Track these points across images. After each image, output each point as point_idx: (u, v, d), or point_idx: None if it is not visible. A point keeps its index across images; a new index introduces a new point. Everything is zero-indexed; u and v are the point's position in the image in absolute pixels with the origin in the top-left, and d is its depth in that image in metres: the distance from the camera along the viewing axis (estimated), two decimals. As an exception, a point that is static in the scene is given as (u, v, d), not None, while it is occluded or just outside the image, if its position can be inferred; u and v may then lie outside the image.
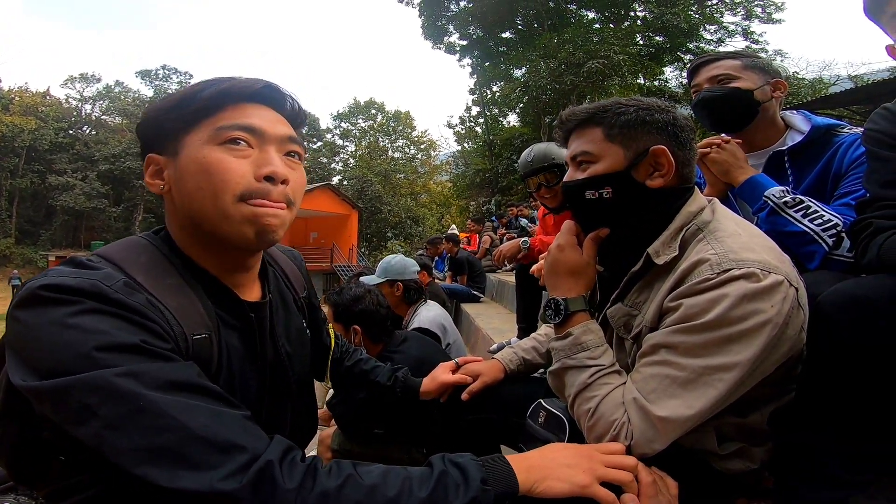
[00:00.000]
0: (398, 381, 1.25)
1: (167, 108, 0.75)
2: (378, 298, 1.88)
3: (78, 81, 43.32)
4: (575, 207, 0.98)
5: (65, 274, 0.64)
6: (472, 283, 6.12)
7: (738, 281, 0.75)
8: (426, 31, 21.14)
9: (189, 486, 0.56)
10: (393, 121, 41.82)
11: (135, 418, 0.57)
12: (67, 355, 0.58)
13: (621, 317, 0.93)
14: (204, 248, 0.77)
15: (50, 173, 37.31)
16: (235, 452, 0.58)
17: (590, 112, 0.92)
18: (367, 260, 25.26)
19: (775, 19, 17.90)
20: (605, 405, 0.82)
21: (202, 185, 0.70)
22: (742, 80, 1.34)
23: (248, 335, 0.80)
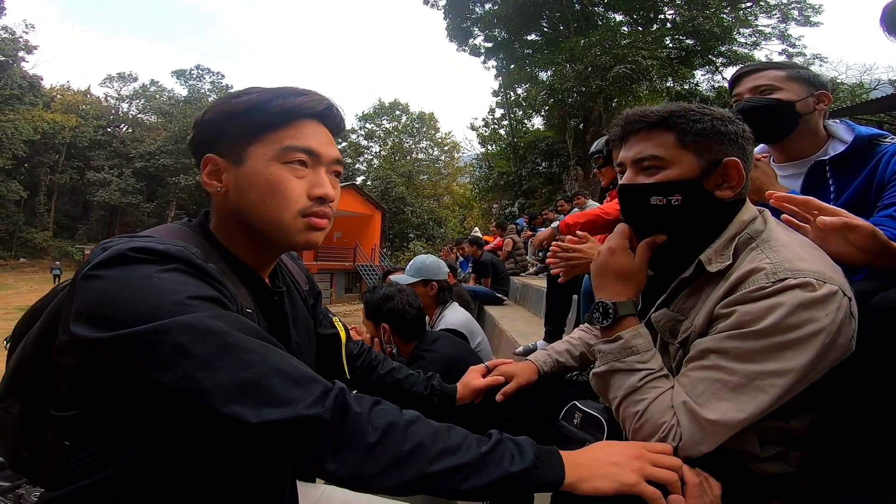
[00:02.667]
0: (435, 389, 1.25)
1: (233, 113, 0.79)
2: (409, 298, 1.91)
3: (116, 80, 45.12)
4: (634, 211, 0.95)
5: (149, 240, 0.69)
6: (495, 285, 6.11)
7: (794, 290, 0.76)
8: (451, 32, 21.13)
9: (277, 417, 0.60)
10: (417, 122, 42.13)
11: (224, 355, 0.61)
12: (162, 302, 0.62)
13: (667, 321, 0.94)
14: (245, 243, 0.83)
15: (88, 169, 38.86)
16: (312, 384, 0.64)
17: (663, 115, 0.89)
18: (389, 260, 25.47)
19: (813, 22, 17.18)
20: (654, 408, 0.83)
21: (266, 199, 0.78)
22: (784, 91, 1.32)
23: (272, 320, 0.86)
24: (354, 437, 0.63)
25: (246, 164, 0.78)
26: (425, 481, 0.64)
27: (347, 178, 33.64)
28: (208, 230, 0.84)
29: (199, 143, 0.82)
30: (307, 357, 0.96)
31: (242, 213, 0.80)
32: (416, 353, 1.85)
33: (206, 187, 0.81)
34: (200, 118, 0.82)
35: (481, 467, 0.65)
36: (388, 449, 0.64)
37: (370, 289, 1.98)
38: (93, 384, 0.67)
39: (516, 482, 0.66)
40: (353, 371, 1.21)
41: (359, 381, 1.24)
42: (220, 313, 0.65)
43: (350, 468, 0.62)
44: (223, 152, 0.80)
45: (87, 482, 0.68)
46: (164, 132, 40.37)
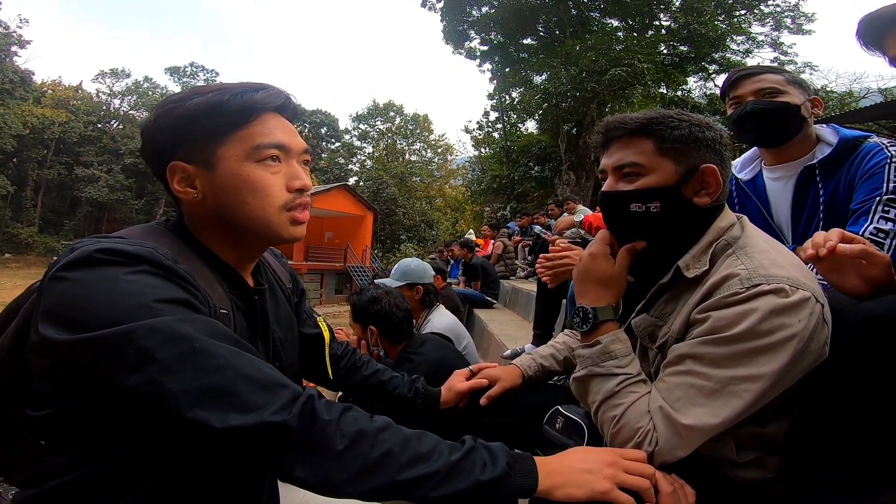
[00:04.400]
0: (419, 392, 1.25)
1: (192, 116, 0.77)
2: (396, 301, 1.89)
3: (108, 76, 44.72)
4: (614, 217, 0.96)
5: (117, 241, 0.68)
6: (485, 289, 6.12)
7: (768, 296, 0.77)
8: (447, 35, 21.20)
9: (241, 423, 0.60)
10: (411, 123, 42.11)
11: (190, 359, 0.61)
12: (127, 305, 0.62)
13: (646, 327, 0.95)
14: (225, 242, 0.83)
15: (77, 165, 38.47)
16: (280, 390, 0.64)
17: (642, 122, 0.90)
18: (380, 262, 25.39)
19: (806, 30, 17.41)
20: (631, 413, 0.83)
21: (248, 200, 0.78)
22: (788, 95, 1.33)
23: (252, 318, 0.86)
24: (323, 444, 0.63)
25: (219, 167, 0.77)
26: (395, 488, 0.64)
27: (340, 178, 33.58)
28: (185, 230, 0.83)
29: (157, 151, 0.79)
30: (289, 355, 0.96)
31: (224, 214, 0.79)
32: (404, 356, 1.82)
33: (180, 195, 0.79)
34: (152, 123, 0.79)
35: (452, 475, 0.66)
36: (356, 456, 0.64)
37: (357, 291, 1.97)
38: (67, 384, 0.67)
39: (488, 490, 0.66)
40: (336, 372, 1.21)
41: (342, 383, 1.24)
42: (188, 317, 0.65)
43: (319, 475, 0.63)
44: (189, 158, 0.78)
45: (64, 481, 0.67)
46: (156, 129, 39.98)
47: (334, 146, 42.99)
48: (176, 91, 22.04)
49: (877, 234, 1.13)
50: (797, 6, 17.19)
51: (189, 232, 0.83)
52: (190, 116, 0.77)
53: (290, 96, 0.85)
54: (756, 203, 1.43)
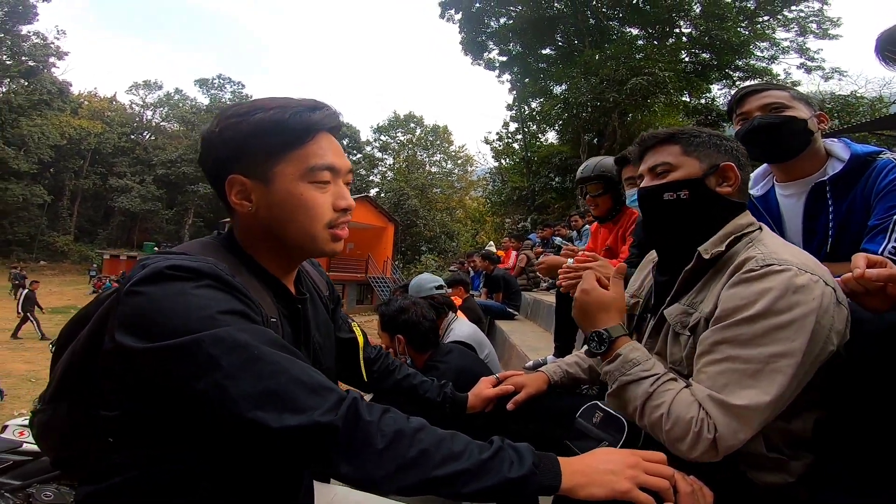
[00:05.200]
0: (447, 397, 1.29)
1: (255, 132, 0.81)
2: (423, 311, 1.96)
3: (141, 88, 46.32)
4: (650, 208, 1.10)
5: (182, 258, 0.76)
6: (507, 300, 6.13)
7: (780, 275, 0.86)
8: (466, 46, 21.32)
9: (295, 423, 0.66)
10: (431, 135, 42.44)
11: (250, 366, 0.68)
12: (195, 316, 0.69)
13: (678, 315, 1.02)
14: (271, 254, 0.89)
15: (111, 175, 39.81)
16: (327, 393, 0.70)
17: (670, 133, 1.10)
18: (401, 273, 25.53)
19: (832, 35, 17.00)
20: (677, 407, 0.87)
21: (298, 217, 0.85)
22: (794, 110, 1.35)
23: (296, 325, 0.92)
24: (365, 443, 0.69)
25: (274, 183, 0.83)
26: (430, 484, 0.69)
27: (361, 189, 34.03)
28: (236, 244, 0.89)
29: (218, 161, 0.84)
30: (327, 359, 1.02)
31: (274, 228, 0.86)
32: (430, 364, 1.89)
33: (236, 207, 0.84)
34: (214, 135, 0.83)
35: (482, 473, 0.70)
36: (395, 454, 0.69)
37: (385, 301, 2.04)
38: (136, 389, 0.73)
39: (514, 487, 0.71)
40: (369, 375, 1.26)
41: (375, 385, 1.28)
42: (247, 327, 0.72)
43: (361, 471, 0.68)
44: (248, 172, 0.83)
45: (125, 478, 0.73)
46: (186, 140, 41.30)
47: (356, 158, 43.58)
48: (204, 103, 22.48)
49: (895, 253, 1.14)
50: (822, 11, 16.82)
51: (239, 246, 0.89)
52: (252, 132, 0.81)
53: (340, 117, 0.91)
54: (767, 219, 1.43)
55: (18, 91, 33.79)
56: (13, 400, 6.79)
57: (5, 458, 3.42)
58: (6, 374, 7.71)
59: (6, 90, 33.90)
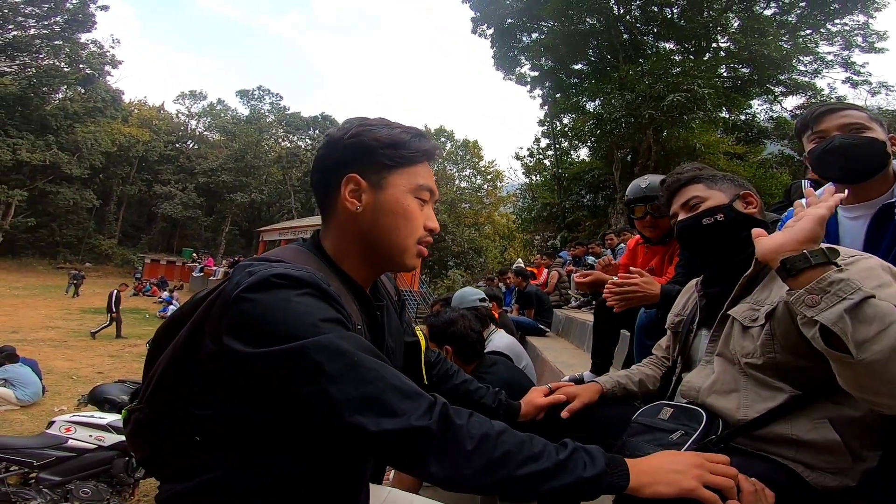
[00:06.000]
0: (502, 404, 1.32)
1: (382, 144, 0.92)
2: (470, 323, 2.03)
3: (187, 98, 48.19)
4: (691, 236, 1.26)
5: (285, 267, 0.80)
6: (539, 317, 6.13)
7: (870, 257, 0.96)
8: (498, 61, 21.38)
9: (392, 427, 0.70)
10: (461, 149, 42.56)
11: (351, 372, 0.72)
12: (300, 323, 0.73)
13: (746, 311, 1.10)
14: (359, 262, 0.95)
15: (156, 182, 41.36)
16: (420, 398, 0.74)
17: (691, 175, 1.31)
18: (428, 286, 25.61)
19: (878, 48, 16.38)
20: None
21: (399, 226, 0.93)
22: (873, 132, 1.33)
23: (375, 330, 0.96)
24: (456, 445, 0.72)
25: (386, 191, 0.92)
26: (512, 483, 0.73)
27: (392, 201, 34.25)
28: (324, 251, 0.95)
29: (341, 161, 0.93)
30: (397, 362, 1.07)
31: (373, 233, 0.93)
32: (477, 375, 1.92)
33: (347, 205, 0.92)
34: (344, 138, 0.93)
35: (559, 472, 0.75)
36: (482, 455, 0.72)
37: (434, 314, 2.13)
38: (240, 392, 0.77)
39: (588, 485, 0.75)
40: (430, 378, 1.30)
41: (434, 388, 1.30)
42: (345, 334, 0.76)
43: (449, 471, 0.72)
44: (365, 175, 0.91)
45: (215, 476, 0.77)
46: (226, 150, 42.78)
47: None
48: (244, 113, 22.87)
49: None
50: (867, 24, 16.25)
51: (327, 254, 0.94)
52: (377, 143, 0.91)
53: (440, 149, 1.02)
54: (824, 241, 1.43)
55: (75, 98, 35.15)
56: (54, 396, 6.95)
57: (48, 454, 3.55)
58: (48, 370, 7.80)
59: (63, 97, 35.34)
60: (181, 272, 32.13)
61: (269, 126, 47.05)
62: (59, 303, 19.80)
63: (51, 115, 33.67)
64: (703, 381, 1.15)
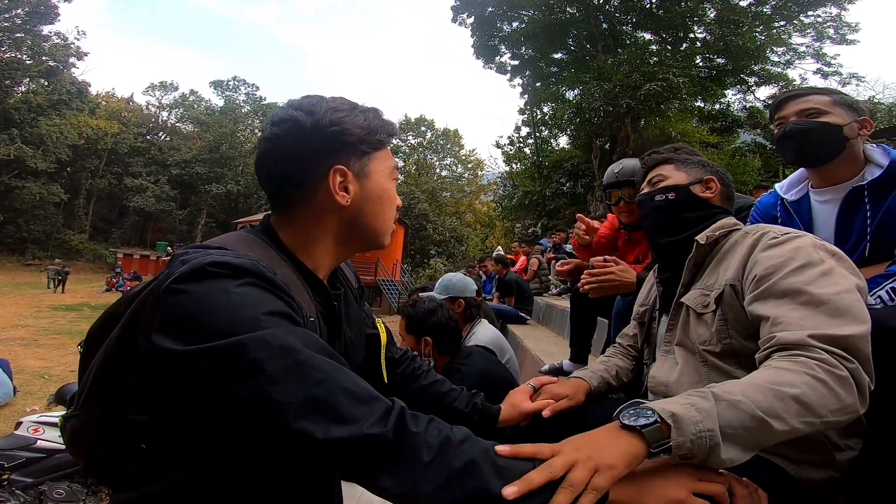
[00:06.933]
0: (476, 408, 1.19)
1: (357, 129, 0.87)
2: (449, 313, 1.99)
3: (158, 89, 46.91)
4: (646, 211, 1.28)
5: (224, 254, 0.72)
6: (519, 305, 6.14)
7: (803, 237, 0.97)
8: (478, 50, 21.27)
9: (342, 435, 0.62)
10: (442, 138, 42.46)
11: (295, 371, 0.64)
12: (238, 317, 0.66)
13: (697, 297, 1.10)
14: (328, 250, 0.90)
15: (126, 175, 40.28)
16: (376, 402, 0.67)
17: (666, 155, 1.33)
18: (410, 276, 25.56)
19: (849, 40, 16.74)
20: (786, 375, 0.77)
21: (385, 210, 0.93)
22: (831, 116, 1.34)
23: (332, 321, 0.91)
24: (412, 456, 0.64)
25: (370, 179, 0.90)
26: (476, 498, 0.64)
27: (372, 191, 34.03)
28: (276, 238, 0.87)
29: (318, 152, 0.85)
30: (357, 353, 1.01)
31: (358, 221, 0.90)
32: (452, 367, 1.90)
33: (338, 199, 0.85)
34: (317, 127, 0.84)
35: None
36: (441, 467, 0.64)
37: (410, 304, 2.08)
38: (174, 392, 0.70)
39: None
40: (392, 377, 1.19)
41: (398, 389, 1.19)
42: (292, 329, 0.68)
43: (405, 485, 0.63)
44: (349, 164, 0.87)
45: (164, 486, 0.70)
46: (200, 141, 41.80)
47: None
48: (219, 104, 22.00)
49: None
50: (839, 16, 16.62)
51: (280, 240, 0.87)
52: (359, 131, 0.87)
53: None
54: (798, 224, 1.43)
55: (38, 91, 34.08)
56: (25, 396, 6.77)
57: (18, 456, 3.43)
58: (19, 370, 7.57)
59: (25, 90, 34.22)
60: (156, 266, 31.49)
61: (245, 116, 46.11)
62: (30, 300, 19.26)
63: (13, 109, 32.57)
64: (668, 374, 1.13)
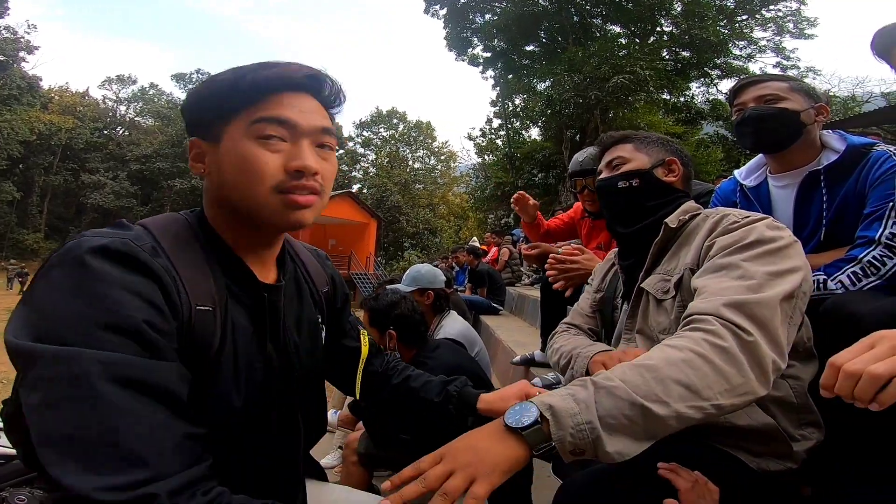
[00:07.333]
0: (451, 397, 1.06)
1: (208, 94, 0.77)
2: (413, 305, 1.92)
3: (114, 83, 44.91)
4: (607, 196, 1.22)
5: (102, 234, 0.66)
6: (491, 295, 6.14)
7: (762, 220, 0.96)
8: (450, 42, 21.33)
9: (71, 484, 0.53)
10: (414, 131, 42.22)
11: (75, 404, 0.55)
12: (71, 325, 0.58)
13: (657, 283, 1.07)
14: (234, 225, 0.80)
15: (83, 171, 38.62)
16: (135, 466, 0.55)
17: (624, 134, 1.26)
18: (384, 269, 25.41)
19: (808, 35, 17.49)
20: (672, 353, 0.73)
21: (239, 178, 0.74)
22: (789, 101, 1.36)
23: (259, 315, 0.80)
24: None
25: (223, 143, 0.75)
26: None
27: (343, 185, 33.74)
28: (203, 217, 0.81)
29: (187, 128, 0.81)
30: (306, 362, 0.90)
31: (223, 193, 0.77)
32: (419, 360, 1.85)
33: (193, 170, 0.80)
34: (184, 102, 0.81)
35: None
36: None
37: (373, 296, 2.00)
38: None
39: None
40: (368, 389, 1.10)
41: (373, 395, 1.12)
42: (107, 357, 0.57)
43: None
44: (204, 134, 0.78)
45: None
46: (161, 135, 40.30)
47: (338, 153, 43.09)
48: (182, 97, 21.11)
49: (892, 238, 1.15)
50: (799, 11, 17.27)
51: (206, 219, 0.81)
52: (209, 94, 0.77)
53: (318, 73, 0.79)
54: (758, 209, 1.45)
55: (-15, 86, 32.43)
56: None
57: None
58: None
59: (-29, 85, 32.51)
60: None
61: (210, 109, 44.30)
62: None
63: (-41, 105, 30.63)
64: None
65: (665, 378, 0.68)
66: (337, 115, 0.86)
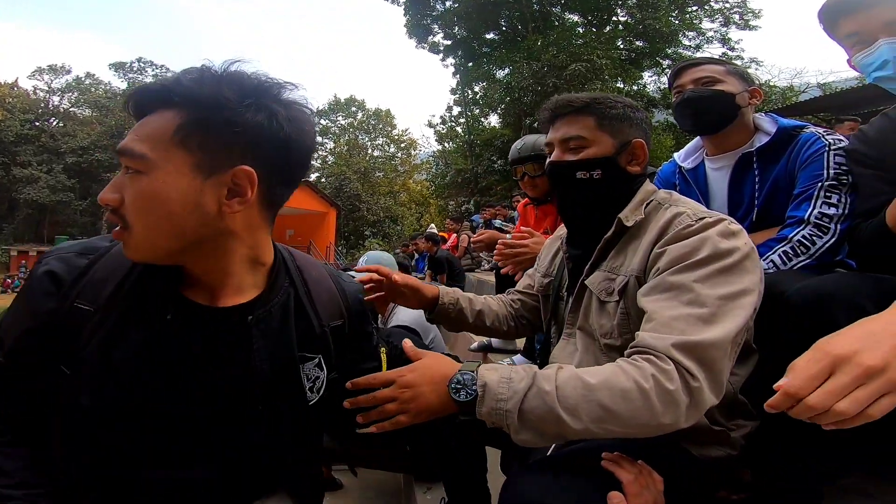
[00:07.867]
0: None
1: None
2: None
3: (46, 73, 41.67)
4: (562, 183, 1.08)
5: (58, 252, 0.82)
6: (451, 281, 6.12)
7: (716, 225, 0.89)
8: (411, 29, 21.09)
9: None
10: (373, 119, 41.52)
11: None
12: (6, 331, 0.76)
13: (601, 282, 1.00)
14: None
15: (14, 165, 35.87)
16: None
17: (586, 102, 1.04)
18: (345, 258, 25.02)
19: (752, 26, 18.33)
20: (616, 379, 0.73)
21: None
22: (725, 84, 1.40)
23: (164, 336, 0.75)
24: None
25: None
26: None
27: (301, 174, 32.79)
28: None
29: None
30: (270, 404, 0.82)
31: None
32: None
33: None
34: None
35: None
36: None
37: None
38: None
39: None
40: None
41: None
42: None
43: None
44: None
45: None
46: (100, 126, 37.89)
47: (294, 142, 41.84)
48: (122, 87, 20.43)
49: (821, 218, 1.20)
50: (744, 2, 18.06)
51: None
52: None
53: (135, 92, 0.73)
54: (696, 192, 1.49)
55: None
56: None
57: None
58: None
59: None
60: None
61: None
62: None
63: None
64: (569, 359, 1.05)
65: (595, 400, 0.72)
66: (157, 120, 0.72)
